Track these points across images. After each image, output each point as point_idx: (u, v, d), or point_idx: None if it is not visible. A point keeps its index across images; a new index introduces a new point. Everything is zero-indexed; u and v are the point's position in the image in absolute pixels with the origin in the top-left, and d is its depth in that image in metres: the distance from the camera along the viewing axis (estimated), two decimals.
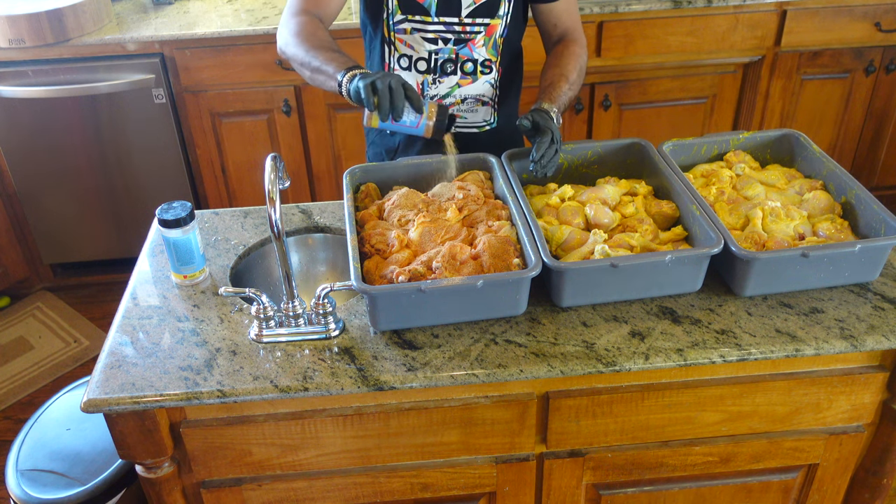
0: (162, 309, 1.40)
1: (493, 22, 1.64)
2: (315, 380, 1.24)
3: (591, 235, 1.39)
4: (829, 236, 1.41)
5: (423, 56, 1.67)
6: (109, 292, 3.01)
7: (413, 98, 1.37)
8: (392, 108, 1.34)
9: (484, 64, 1.70)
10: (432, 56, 1.67)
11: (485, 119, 1.76)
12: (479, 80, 1.71)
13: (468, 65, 1.68)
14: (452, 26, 1.63)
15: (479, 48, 1.67)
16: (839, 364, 1.36)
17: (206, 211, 1.68)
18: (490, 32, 1.66)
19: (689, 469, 1.46)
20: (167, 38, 2.55)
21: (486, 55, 1.69)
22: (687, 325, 1.32)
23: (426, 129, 1.44)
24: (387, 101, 1.34)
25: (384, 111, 1.34)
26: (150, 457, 1.30)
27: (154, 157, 2.78)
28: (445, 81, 1.70)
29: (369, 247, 1.40)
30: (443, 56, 1.67)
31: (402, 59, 1.69)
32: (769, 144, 1.66)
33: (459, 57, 1.67)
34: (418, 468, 1.40)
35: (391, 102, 1.34)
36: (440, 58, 1.67)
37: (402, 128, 1.45)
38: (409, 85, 1.37)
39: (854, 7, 2.68)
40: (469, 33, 1.65)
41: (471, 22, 1.63)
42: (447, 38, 1.65)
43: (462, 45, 1.66)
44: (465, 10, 1.62)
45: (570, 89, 1.61)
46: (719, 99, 2.88)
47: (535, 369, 1.24)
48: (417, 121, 1.43)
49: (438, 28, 1.63)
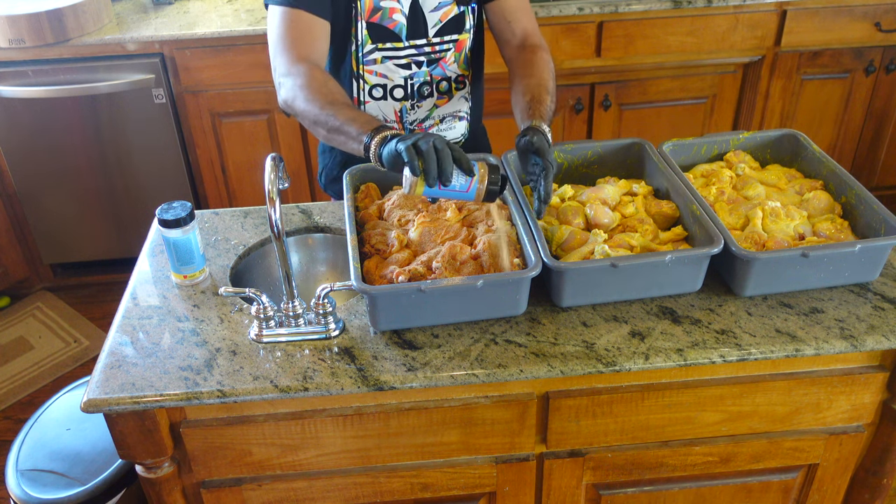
0: (162, 309, 1.40)
1: (462, 37, 1.63)
2: (315, 380, 1.24)
3: (591, 235, 1.40)
4: (829, 236, 1.41)
5: (399, 83, 1.64)
6: (109, 292, 3.01)
7: (461, 159, 1.21)
8: (440, 172, 1.18)
9: (457, 80, 1.68)
10: (408, 81, 1.64)
11: (462, 134, 1.76)
12: (455, 96, 1.70)
13: (443, 84, 1.67)
14: (422, 48, 1.61)
15: (451, 65, 1.65)
16: (839, 364, 1.36)
17: (206, 211, 1.68)
18: (459, 48, 1.64)
19: (689, 469, 1.46)
20: (167, 38, 2.55)
21: (459, 71, 1.67)
22: (687, 325, 1.32)
23: (477, 194, 1.25)
24: (434, 165, 1.17)
25: (432, 176, 1.18)
26: (150, 457, 1.30)
27: (154, 157, 2.78)
28: (423, 105, 1.68)
29: (369, 247, 1.40)
30: (418, 80, 1.64)
31: (374, 89, 1.65)
32: (769, 144, 1.66)
33: (434, 78, 1.65)
34: (418, 468, 1.40)
35: (439, 165, 1.18)
36: (416, 82, 1.64)
37: (452, 193, 1.25)
38: (454, 145, 1.22)
39: (854, 7, 2.68)
40: (439, 52, 1.62)
41: (439, 41, 1.61)
42: (420, 62, 1.62)
43: (434, 66, 1.64)
44: (431, 30, 1.60)
45: (552, 101, 1.52)
46: (719, 99, 2.88)
47: (535, 369, 1.24)
48: (468, 184, 1.24)
49: (410, 52, 1.61)
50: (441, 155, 1.18)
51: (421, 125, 1.71)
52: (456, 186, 1.24)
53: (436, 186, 1.22)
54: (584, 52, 2.69)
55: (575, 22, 2.62)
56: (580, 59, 2.71)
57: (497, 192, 1.26)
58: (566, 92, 2.78)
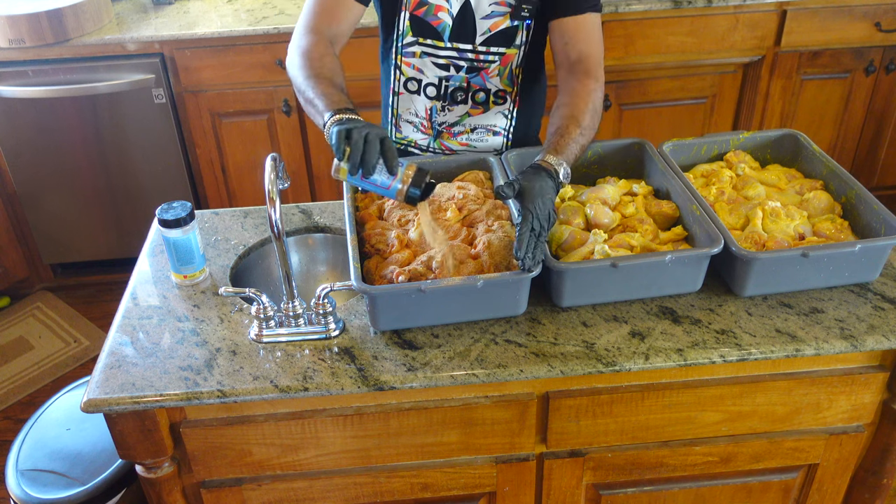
0: (162, 309, 1.40)
1: (510, 51, 1.57)
2: (315, 380, 1.24)
3: (591, 235, 1.39)
4: (829, 236, 1.41)
5: (433, 82, 1.61)
6: (109, 292, 3.01)
7: (389, 157, 1.21)
8: (362, 163, 1.19)
9: (497, 94, 1.62)
10: (442, 83, 1.60)
11: (495, 149, 1.69)
12: (492, 110, 1.64)
13: (480, 94, 1.61)
14: (465, 53, 1.56)
15: (493, 78, 1.59)
16: (839, 364, 1.36)
17: (206, 211, 1.68)
18: (505, 62, 1.58)
19: (689, 469, 1.46)
20: (167, 38, 2.55)
21: (500, 86, 1.60)
22: (687, 325, 1.32)
23: (397, 193, 1.26)
24: (358, 155, 1.19)
25: (353, 164, 1.20)
26: (150, 457, 1.30)
27: (154, 157, 2.78)
28: (455, 110, 1.63)
29: (369, 247, 1.40)
30: (453, 84, 1.60)
31: (409, 82, 1.62)
32: (769, 144, 1.66)
33: (471, 86, 1.60)
34: (418, 468, 1.40)
35: (363, 156, 1.19)
36: (451, 85, 1.60)
37: (373, 186, 1.27)
38: (388, 142, 1.22)
39: (854, 7, 2.68)
40: (483, 62, 1.57)
41: (485, 50, 1.56)
42: (459, 66, 1.58)
43: (474, 74, 1.59)
44: (479, 38, 1.55)
45: (581, 135, 1.40)
46: (719, 99, 2.88)
47: (535, 369, 1.24)
48: (389, 182, 1.25)
49: (451, 54, 1.57)
50: (367, 147, 1.19)
51: (450, 129, 1.67)
52: (377, 181, 1.25)
53: (357, 176, 1.23)
54: None
55: None
56: None
57: (418, 196, 1.26)
58: None
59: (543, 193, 1.27)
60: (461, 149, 1.70)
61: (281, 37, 2.55)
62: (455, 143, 1.69)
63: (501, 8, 1.53)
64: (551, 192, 1.28)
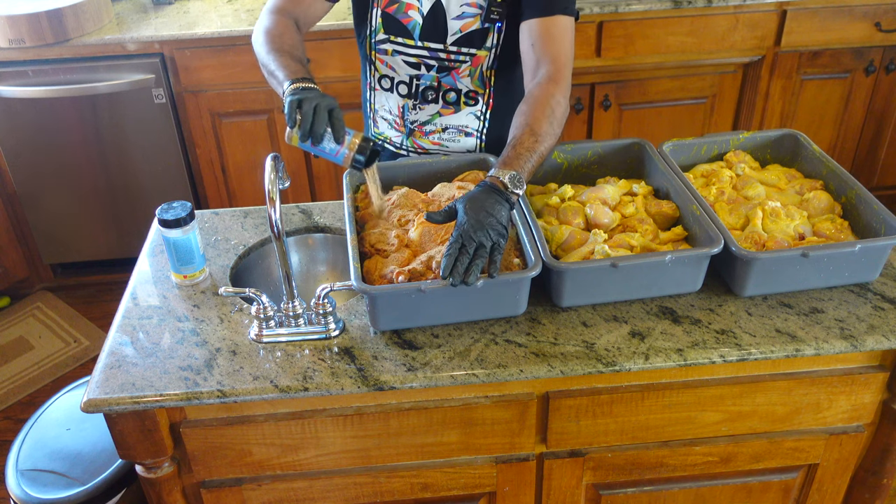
0: (162, 309, 1.40)
1: (480, 53, 1.57)
2: (315, 380, 1.24)
3: (591, 235, 1.39)
4: (829, 236, 1.41)
5: (404, 80, 1.62)
6: (109, 292, 3.01)
7: (336, 126, 1.30)
8: (311, 132, 1.29)
9: (468, 95, 1.63)
10: (413, 81, 1.62)
11: (468, 149, 1.69)
12: (463, 110, 1.65)
13: (451, 94, 1.62)
14: (437, 53, 1.58)
15: (464, 78, 1.60)
16: (839, 364, 1.36)
17: (206, 211, 1.68)
18: (476, 63, 1.59)
19: (689, 469, 1.46)
20: (167, 38, 2.55)
21: (471, 86, 1.62)
22: (687, 325, 1.32)
23: (344, 160, 1.35)
24: (308, 123, 1.28)
25: (304, 132, 1.29)
26: (150, 457, 1.30)
27: (154, 157, 2.78)
28: (426, 108, 1.65)
29: (369, 247, 1.40)
30: (424, 82, 1.61)
31: (382, 79, 1.65)
32: (769, 144, 1.66)
33: (442, 85, 1.61)
34: (418, 468, 1.40)
35: (311, 125, 1.28)
36: (421, 84, 1.62)
37: (322, 153, 1.35)
38: (337, 111, 1.31)
39: (854, 7, 2.68)
40: (454, 62, 1.58)
41: (456, 50, 1.57)
42: (430, 65, 1.59)
43: (445, 74, 1.60)
44: (450, 38, 1.56)
45: (537, 142, 1.37)
46: (719, 99, 2.88)
47: (535, 369, 1.24)
48: (337, 149, 1.34)
49: (421, 53, 1.58)
50: (316, 117, 1.29)
51: (421, 128, 1.68)
52: (326, 149, 1.34)
53: (308, 143, 1.33)
54: (584, 52, 2.69)
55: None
56: (580, 59, 2.71)
57: (362, 163, 1.35)
58: None
59: (480, 209, 1.24)
60: (434, 148, 1.70)
61: None
62: (427, 141, 1.70)
63: (472, 9, 1.54)
64: (494, 206, 1.25)
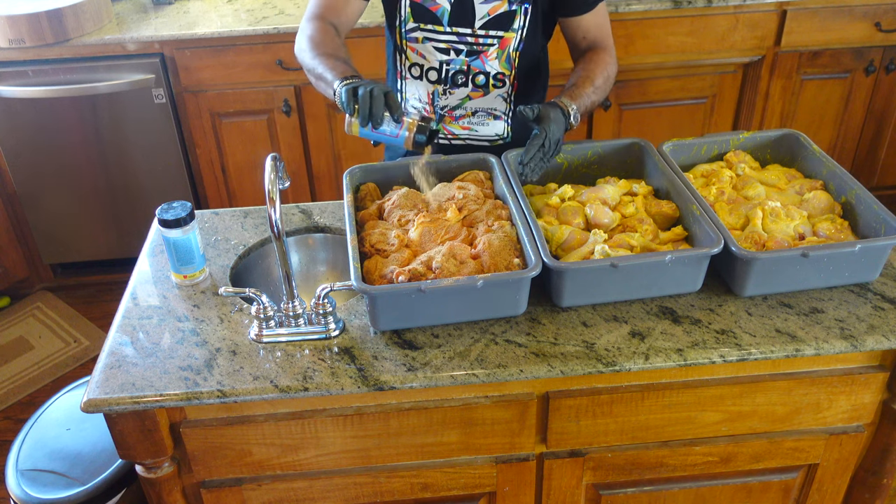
0: (162, 309, 1.40)
1: (507, 35, 1.61)
2: (315, 380, 1.24)
3: (591, 235, 1.39)
4: (829, 236, 1.40)
5: (434, 66, 1.65)
6: (109, 292, 3.01)
7: (393, 107, 1.35)
8: (371, 116, 1.33)
9: (496, 77, 1.67)
10: (443, 66, 1.65)
11: (497, 133, 1.74)
12: (491, 93, 1.69)
13: (480, 77, 1.66)
14: (465, 37, 1.61)
15: (492, 61, 1.64)
16: (839, 364, 1.36)
17: (206, 211, 1.68)
18: (504, 45, 1.62)
19: (689, 469, 1.46)
20: (167, 38, 2.55)
21: (499, 68, 1.66)
22: (687, 325, 1.32)
23: (406, 141, 1.40)
24: (367, 108, 1.32)
25: (363, 117, 1.33)
26: (150, 457, 1.30)
27: (154, 157, 2.78)
28: (456, 93, 1.68)
29: (369, 247, 1.40)
30: (454, 67, 1.65)
31: (413, 67, 1.67)
32: (769, 144, 1.66)
33: (471, 69, 1.65)
34: (418, 468, 1.40)
35: (370, 109, 1.33)
36: (451, 69, 1.65)
37: (383, 136, 1.40)
38: (392, 94, 1.35)
39: (854, 7, 2.68)
40: (482, 45, 1.62)
41: (484, 34, 1.61)
42: (459, 49, 1.63)
43: (474, 57, 1.63)
44: (478, 22, 1.60)
45: (594, 92, 1.56)
46: (719, 99, 2.88)
47: (535, 369, 1.24)
48: (397, 131, 1.39)
49: (451, 38, 1.62)
50: (374, 101, 1.33)
51: (451, 113, 1.71)
52: (387, 131, 1.39)
53: (368, 128, 1.37)
54: None
55: None
56: None
57: (424, 141, 1.39)
58: None
59: (557, 120, 1.44)
60: (464, 133, 1.73)
61: (281, 37, 2.55)
62: (457, 126, 1.73)
63: None
64: (563, 123, 1.46)
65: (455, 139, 1.75)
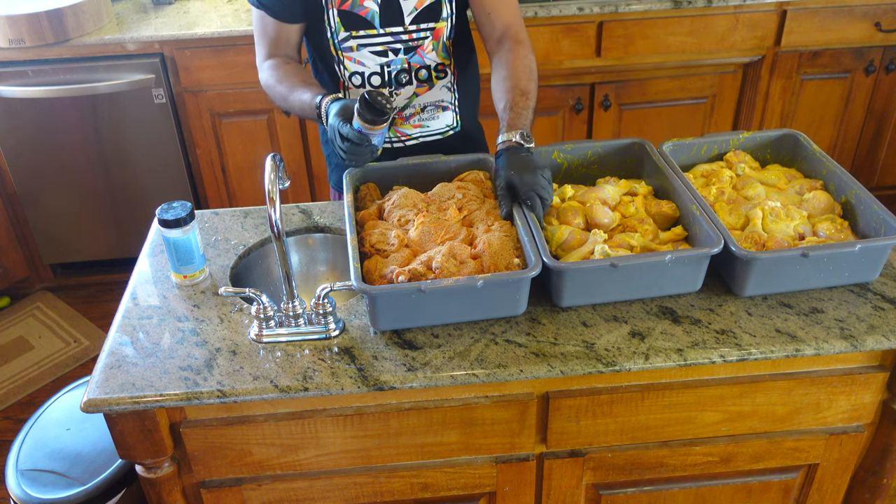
0: (162, 309, 1.40)
1: (438, 25, 1.62)
2: (315, 380, 1.24)
3: (591, 235, 1.39)
4: (829, 236, 1.40)
5: (376, 70, 1.65)
6: (109, 292, 3.01)
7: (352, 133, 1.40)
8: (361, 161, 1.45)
9: (437, 69, 1.67)
10: (384, 69, 1.64)
11: (447, 124, 1.75)
12: (436, 85, 1.69)
13: (422, 72, 1.66)
14: (399, 35, 1.61)
15: (430, 53, 1.65)
16: (839, 364, 1.36)
17: (206, 211, 1.68)
18: (437, 36, 1.63)
19: (689, 469, 1.46)
20: (167, 38, 2.55)
21: (438, 59, 1.66)
22: (687, 325, 1.32)
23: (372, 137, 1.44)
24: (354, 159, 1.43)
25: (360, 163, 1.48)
26: (150, 457, 1.30)
27: (154, 157, 2.78)
28: (402, 93, 1.68)
29: (369, 247, 1.40)
30: (395, 67, 1.64)
31: (353, 76, 1.66)
32: (769, 144, 1.66)
33: (412, 65, 1.65)
34: (418, 468, 1.40)
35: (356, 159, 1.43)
36: (392, 69, 1.64)
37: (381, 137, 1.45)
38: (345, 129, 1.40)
39: (854, 7, 2.68)
40: (416, 40, 1.62)
41: (416, 28, 1.61)
42: (396, 49, 1.62)
43: (412, 53, 1.63)
44: (407, 18, 1.60)
45: (528, 101, 1.53)
46: (719, 99, 2.88)
47: (535, 369, 1.24)
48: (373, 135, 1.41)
49: (385, 39, 1.61)
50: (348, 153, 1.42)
51: (401, 114, 1.70)
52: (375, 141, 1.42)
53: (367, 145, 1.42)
54: (584, 52, 2.69)
55: (575, 22, 2.62)
56: (580, 59, 2.71)
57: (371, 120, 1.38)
58: (566, 92, 2.78)
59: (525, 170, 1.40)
60: (416, 132, 1.73)
61: None
62: (409, 126, 1.73)
63: None
64: (531, 162, 1.42)
65: (409, 139, 1.74)
